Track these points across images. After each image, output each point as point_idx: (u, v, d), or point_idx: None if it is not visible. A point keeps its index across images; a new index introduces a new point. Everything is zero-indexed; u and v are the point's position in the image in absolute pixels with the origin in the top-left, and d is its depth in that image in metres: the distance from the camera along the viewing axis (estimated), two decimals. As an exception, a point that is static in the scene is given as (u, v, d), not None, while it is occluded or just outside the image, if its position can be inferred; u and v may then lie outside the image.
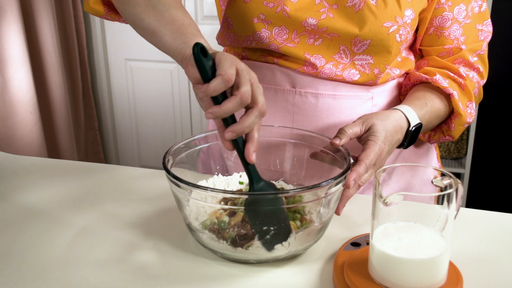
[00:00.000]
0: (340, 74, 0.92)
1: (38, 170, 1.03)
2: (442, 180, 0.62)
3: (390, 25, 0.87)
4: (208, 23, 2.58)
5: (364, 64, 0.92)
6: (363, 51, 0.90)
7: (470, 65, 0.96)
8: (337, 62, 0.92)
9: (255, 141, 0.66)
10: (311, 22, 0.89)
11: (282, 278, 0.67)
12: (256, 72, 0.98)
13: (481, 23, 0.95)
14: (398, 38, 0.89)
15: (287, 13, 0.89)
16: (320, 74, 0.92)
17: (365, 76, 0.93)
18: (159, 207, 0.87)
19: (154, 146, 2.93)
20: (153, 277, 0.67)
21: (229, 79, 0.61)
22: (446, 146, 2.50)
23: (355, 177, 0.74)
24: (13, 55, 2.17)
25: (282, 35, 0.91)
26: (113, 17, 0.92)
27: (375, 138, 0.80)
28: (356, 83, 0.93)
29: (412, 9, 0.89)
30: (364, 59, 0.91)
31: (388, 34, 0.88)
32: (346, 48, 0.90)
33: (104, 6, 0.90)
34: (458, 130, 0.96)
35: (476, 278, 0.66)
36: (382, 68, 0.92)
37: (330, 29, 0.89)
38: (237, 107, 0.63)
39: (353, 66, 0.92)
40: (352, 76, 0.92)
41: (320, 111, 0.94)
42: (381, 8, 0.87)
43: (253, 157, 0.66)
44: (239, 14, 0.92)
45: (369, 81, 0.93)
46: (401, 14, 0.88)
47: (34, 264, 0.71)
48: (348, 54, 0.91)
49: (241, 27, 0.93)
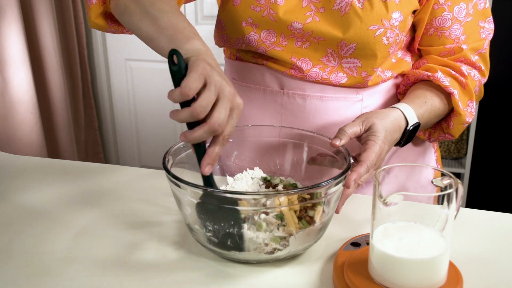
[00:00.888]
0: (327, 78, 0.92)
1: (38, 170, 1.03)
2: (442, 180, 0.62)
3: (376, 28, 0.87)
4: (208, 23, 2.58)
5: (352, 67, 0.92)
6: (350, 55, 0.90)
7: (471, 63, 0.95)
8: (324, 65, 0.92)
9: (213, 155, 0.65)
10: (297, 26, 0.89)
11: (282, 278, 0.67)
12: (247, 73, 1.00)
13: (484, 20, 0.94)
14: (386, 41, 0.88)
15: (273, 17, 0.89)
16: (306, 78, 0.93)
17: (353, 79, 0.93)
18: (159, 207, 0.87)
19: (154, 146, 2.93)
20: (153, 277, 0.67)
21: (186, 94, 0.60)
22: (446, 146, 2.50)
23: (355, 178, 0.74)
24: (13, 55, 2.17)
25: (270, 39, 0.92)
26: (117, 29, 0.92)
27: (376, 138, 0.80)
28: (343, 86, 0.93)
29: (401, 11, 0.88)
30: (352, 62, 0.91)
31: (374, 37, 0.87)
32: (333, 51, 0.91)
33: (106, 20, 0.91)
34: (457, 129, 0.96)
35: (476, 278, 0.66)
36: (369, 71, 0.92)
37: (315, 32, 0.89)
38: (206, 136, 0.63)
39: (340, 69, 0.92)
40: (339, 79, 0.93)
41: (308, 112, 0.95)
42: (367, 11, 0.86)
43: (205, 169, 0.65)
44: (229, 17, 0.93)
45: (356, 84, 0.93)
46: (388, 17, 0.87)
47: (34, 264, 0.71)
48: (336, 57, 0.91)
49: (232, 29, 0.94)
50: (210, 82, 0.62)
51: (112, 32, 0.93)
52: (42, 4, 2.31)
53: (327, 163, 0.82)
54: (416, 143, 1.05)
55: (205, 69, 0.62)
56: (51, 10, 2.37)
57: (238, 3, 0.91)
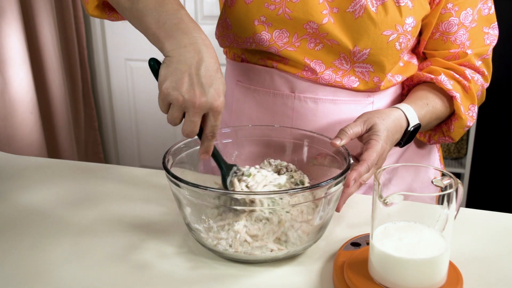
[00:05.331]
0: (339, 81, 0.91)
1: (38, 170, 1.03)
2: (442, 180, 0.62)
3: (390, 33, 0.86)
4: (208, 23, 2.58)
5: (364, 72, 0.91)
6: (363, 60, 0.89)
7: (475, 68, 0.95)
8: (337, 68, 0.91)
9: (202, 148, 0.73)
10: (313, 25, 0.88)
11: (282, 278, 0.67)
12: (255, 76, 0.99)
13: (488, 26, 0.94)
14: (398, 46, 0.88)
15: (288, 15, 0.88)
16: (319, 80, 0.92)
17: (365, 83, 0.92)
18: (159, 207, 0.87)
19: (154, 146, 2.93)
20: (153, 277, 0.67)
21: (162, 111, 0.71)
22: (446, 146, 2.50)
23: (355, 176, 0.74)
24: (13, 55, 2.17)
25: (282, 38, 0.90)
26: (116, 17, 0.91)
27: (378, 137, 0.79)
28: (355, 90, 0.93)
29: (414, 16, 0.87)
30: (364, 67, 0.90)
31: (387, 43, 0.87)
32: (346, 55, 0.90)
33: (104, 9, 0.89)
34: (458, 133, 0.96)
35: (476, 278, 0.66)
36: (382, 76, 0.91)
37: (330, 35, 0.88)
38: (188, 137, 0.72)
39: (353, 73, 0.91)
40: (352, 83, 0.92)
41: (320, 116, 0.94)
42: (381, 16, 0.85)
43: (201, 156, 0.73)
44: (240, 15, 0.91)
45: (368, 89, 0.93)
46: (402, 22, 0.86)
47: (34, 264, 0.71)
48: (348, 61, 0.90)
49: (241, 28, 0.92)
50: (173, 103, 0.68)
51: (112, 20, 0.92)
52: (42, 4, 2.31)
53: (327, 162, 0.82)
54: (420, 146, 1.04)
55: (165, 94, 0.67)
56: (51, 10, 2.37)
57: (251, 1, 0.89)
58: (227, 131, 0.87)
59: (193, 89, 0.66)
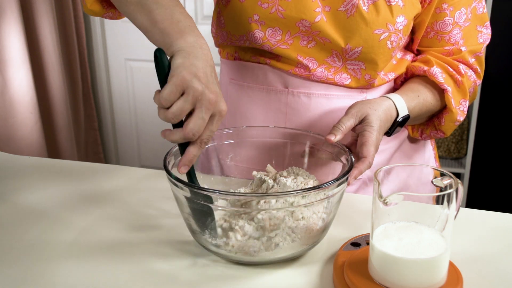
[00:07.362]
0: (332, 78, 0.93)
1: (38, 170, 1.03)
2: (442, 180, 0.62)
3: (381, 32, 0.87)
4: (208, 23, 2.58)
5: (356, 69, 0.92)
6: (355, 58, 0.91)
7: (469, 65, 0.97)
8: (329, 65, 0.92)
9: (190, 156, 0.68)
10: (305, 24, 0.89)
11: (282, 279, 0.67)
12: (248, 73, 0.99)
13: (481, 25, 0.95)
14: (390, 45, 0.89)
15: (281, 13, 0.89)
16: (312, 77, 0.93)
17: (356, 81, 0.93)
18: (159, 207, 0.87)
19: (154, 146, 2.93)
20: (154, 278, 0.67)
21: (161, 104, 0.64)
22: (446, 146, 2.50)
23: (356, 174, 0.76)
24: (13, 55, 2.17)
25: (275, 36, 0.91)
26: (114, 13, 0.92)
27: (371, 129, 0.80)
28: (347, 86, 0.94)
29: (405, 15, 0.88)
30: (356, 64, 0.92)
31: (379, 41, 0.88)
32: (338, 53, 0.91)
33: (102, 3, 0.90)
34: (449, 127, 0.97)
35: (476, 278, 0.66)
36: (373, 74, 0.92)
37: (322, 33, 0.89)
38: (182, 141, 0.67)
39: (345, 70, 0.92)
40: (343, 80, 0.93)
41: (313, 111, 0.95)
42: (372, 15, 0.87)
43: (181, 168, 0.69)
44: (234, 13, 0.92)
45: (360, 86, 0.94)
46: (393, 21, 0.87)
47: (34, 264, 0.71)
48: (340, 58, 0.92)
49: (235, 26, 0.93)
50: (188, 93, 0.64)
51: (109, 17, 0.92)
52: (42, 4, 2.31)
53: (322, 155, 0.82)
54: (414, 141, 1.05)
55: (183, 80, 0.64)
56: (51, 10, 2.37)
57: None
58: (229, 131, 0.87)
59: (210, 86, 0.66)
